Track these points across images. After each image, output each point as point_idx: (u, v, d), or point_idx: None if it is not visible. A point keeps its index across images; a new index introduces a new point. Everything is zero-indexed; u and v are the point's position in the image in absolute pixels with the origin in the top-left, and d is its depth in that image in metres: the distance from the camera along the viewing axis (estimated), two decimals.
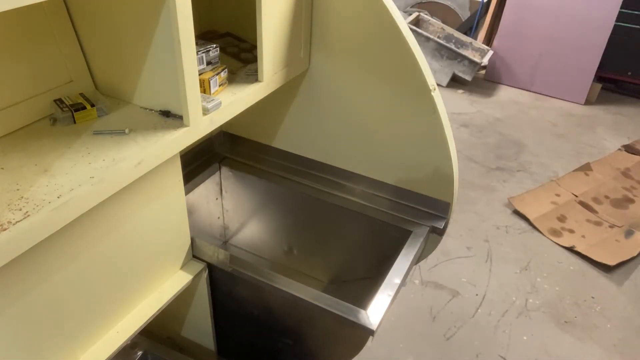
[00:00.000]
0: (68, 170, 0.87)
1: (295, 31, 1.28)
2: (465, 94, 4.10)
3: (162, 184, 1.05)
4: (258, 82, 1.22)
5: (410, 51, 1.24)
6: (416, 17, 4.27)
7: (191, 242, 1.22)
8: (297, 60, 1.35)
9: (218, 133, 1.66)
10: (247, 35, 1.45)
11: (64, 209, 0.80)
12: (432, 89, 1.27)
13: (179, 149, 1.03)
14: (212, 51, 1.15)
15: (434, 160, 1.36)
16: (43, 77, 1.01)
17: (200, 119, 1.04)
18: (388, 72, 1.31)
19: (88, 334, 1.02)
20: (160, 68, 0.98)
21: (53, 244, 0.84)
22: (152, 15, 0.92)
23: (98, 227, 0.93)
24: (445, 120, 1.31)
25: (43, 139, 0.95)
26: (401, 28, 1.22)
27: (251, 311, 1.30)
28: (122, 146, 0.94)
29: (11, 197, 0.80)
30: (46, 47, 0.99)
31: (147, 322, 1.11)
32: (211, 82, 1.12)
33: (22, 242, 0.76)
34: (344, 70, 1.37)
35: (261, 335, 1.35)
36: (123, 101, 1.09)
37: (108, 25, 1.00)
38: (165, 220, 1.11)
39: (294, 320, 1.26)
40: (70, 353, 1.00)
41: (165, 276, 1.18)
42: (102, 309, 1.03)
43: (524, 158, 3.27)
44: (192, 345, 1.48)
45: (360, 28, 1.27)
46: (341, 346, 1.22)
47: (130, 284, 1.08)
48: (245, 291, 1.27)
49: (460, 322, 2.06)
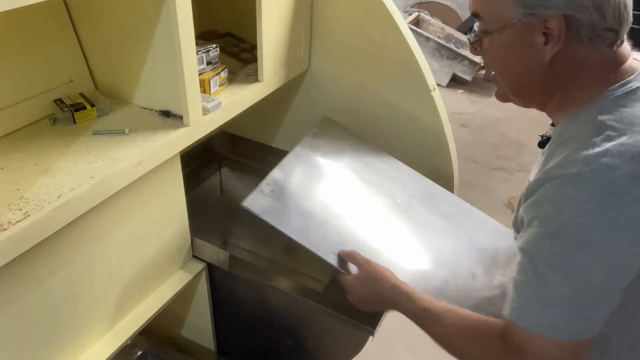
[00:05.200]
0: (68, 170, 0.87)
1: (295, 31, 1.28)
2: (465, 94, 4.10)
3: (162, 184, 1.05)
4: (258, 82, 1.22)
5: (410, 51, 1.24)
6: (416, 17, 4.27)
7: (191, 242, 1.22)
8: (297, 60, 1.35)
9: (218, 133, 1.66)
10: (247, 35, 1.45)
11: (64, 209, 0.80)
12: (432, 89, 1.27)
13: (179, 149, 1.03)
14: (212, 51, 1.15)
15: (434, 160, 1.36)
16: (43, 77, 1.01)
17: (200, 119, 1.04)
18: (388, 72, 1.30)
19: (88, 334, 1.02)
20: (160, 68, 0.98)
21: (53, 244, 0.84)
22: (152, 15, 0.92)
23: (98, 227, 0.93)
24: (445, 120, 1.31)
25: (43, 139, 0.95)
26: (401, 28, 1.22)
27: (251, 311, 1.30)
28: (122, 146, 0.94)
29: (11, 197, 0.80)
30: (46, 47, 0.99)
31: (147, 322, 1.11)
32: (211, 82, 1.12)
33: (22, 242, 0.75)
34: (344, 70, 1.37)
35: (261, 335, 1.35)
36: (123, 101, 1.09)
37: (108, 25, 1.00)
38: (165, 220, 1.11)
39: (294, 320, 1.25)
40: (70, 353, 1.00)
41: (165, 276, 1.18)
42: (102, 308, 1.03)
43: (524, 158, 3.27)
44: (192, 345, 1.48)
45: (360, 28, 1.27)
46: (341, 346, 1.22)
47: (130, 283, 1.08)
48: (245, 291, 1.27)
49: None
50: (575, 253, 0.64)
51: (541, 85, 0.74)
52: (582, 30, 0.67)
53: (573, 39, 0.68)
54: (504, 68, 0.78)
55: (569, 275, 0.64)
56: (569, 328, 0.66)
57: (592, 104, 0.69)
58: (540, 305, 0.67)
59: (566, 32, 0.67)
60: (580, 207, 0.62)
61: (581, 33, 0.67)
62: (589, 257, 0.63)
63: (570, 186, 0.63)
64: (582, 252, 0.63)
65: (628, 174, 0.61)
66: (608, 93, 0.68)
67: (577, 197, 0.62)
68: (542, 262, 0.66)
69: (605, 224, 0.62)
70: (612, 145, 0.63)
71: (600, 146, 0.63)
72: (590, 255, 0.63)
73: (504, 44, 0.73)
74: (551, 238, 0.65)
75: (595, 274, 0.63)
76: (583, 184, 0.62)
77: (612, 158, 0.62)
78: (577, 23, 0.67)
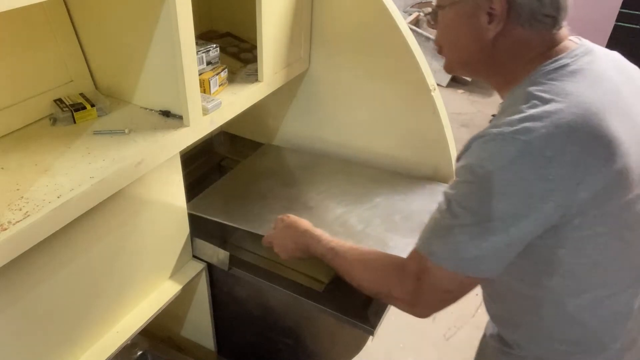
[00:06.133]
0: (68, 170, 0.87)
1: (295, 31, 1.28)
2: (465, 94, 4.10)
3: (162, 184, 1.05)
4: (258, 82, 1.22)
5: (411, 51, 1.24)
6: (416, 17, 4.27)
7: (191, 242, 1.22)
8: (297, 60, 1.35)
9: (218, 133, 1.66)
10: (247, 35, 1.45)
11: (64, 209, 0.80)
12: (432, 89, 1.27)
13: (179, 149, 1.03)
14: (212, 51, 1.15)
15: (434, 160, 1.36)
16: (43, 77, 1.01)
17: (200, 119, 1.04)
18: (388, 72, 1.31)
19: (88, 334, 1.02)
20: (160, 68, 0.98)
21: (53, 244, 0.84)
22: (152, 15, 0.92)
23: (98, 227, 0.93)
24: (445, 120, 1.31)
25: (43, 139, 0.95)
26: (401, 28, 1.22)
27: (251, 311, 1.30)
28: (122, 146, 0.94)
29: (11, 197, 0.80)
30: (46, 47, 0.99)
31: (147, 322, 1.11)
32: (211, 82, 1.12)
33: (22, 242, 0.75)
34: (344, 70, 1.37)
35: (261, 335, 1.35)
36: (123, 101, 1.09)
37: (108, 25, 1.00)
38: (165, 220, 1.11)
39: (294, 320, 1.26)
40: (70, 353, 1.00)
41: (165, 276, 1.18)
42: (102, 309, 1.03)
43: None
44: (192, 345, 1.48)
45: (360, 28, 1.27)
46: (341, 346, 1.22)
47: (130, 283, 1.08)
48: (245, 291, 1.27)
49: (460, 322, 2.05)
50: (485, 200, 0.70)
51: (484, 61, 0.81)
52: (522, 13, 0.74)
53: (514, 21, 0.76)
54: (452, 42, 0.85)
55: (478, 218, 0.71)
56: (464, 264, 0.74)
57: (527, 79, 0.76)
58: (444, 239, 0.75)
59: (508, 14, 0.75)
60: (497, 161, 0.69)
61: (521, 16, 0.75)
62: (497, 206, 0.70)
63: (493, 144, 0.70)
64: (491, 201, 0.70)
65: (543, 137, 0.67)
66: (540, 68, 0.76)
67: (496, 153, 0.69)
68: (456, 203, 0.74)
69: (516, 179, 0.68)
70: (535, 111, 0.69)
71: (525, 112, 0.70)
72: (498, 205, 0.69)
73: (453, 18, 0.82)
74: (469, 185, 0.72)
75: (499, 222, 0.70)
76: (502, 141, 0.69)
77: (532, 122, 0.68)
78: (517, 7, 0.74)
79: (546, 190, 0.68)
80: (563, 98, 0.70)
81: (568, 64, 0.74)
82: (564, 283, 0.77)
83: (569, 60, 0.75)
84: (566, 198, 0.68)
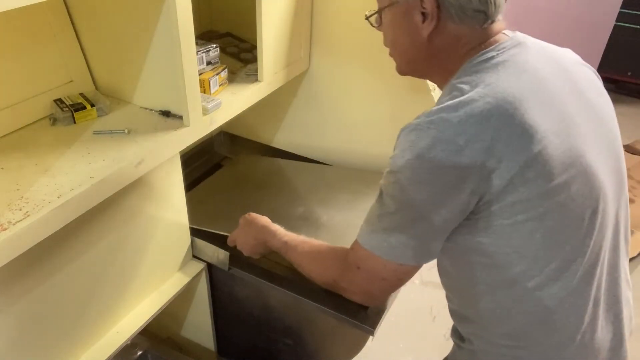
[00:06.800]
0: (68, 170, 0.87)
1: (295, 31, 1.28)
2: None
3: (162, 184, 1.05)
4: (258, 82, 1.22)
5: None
6: None
7: (191, 242, 1.22)
8: (297, 60, 1.35)
9: (218, 133, 1.67)
10: (247, 35, 1.45)
11: (64, 209, 0.80)
12: (432, 89, 1.27)
13: (179, 149, 1.03)
14: (212, 51, 1.15)
15: None
16: (43, 77, 1.01)
17: (200, 119, 1.04)
18: (388, 72, 1.30)
19: (88, 334, 1.02)
20: (160, 68, 0.98)
21: (53, 244, 0.84)
22: (152, 15, 0.92)
23: (98, 227, 0.93)
24: None
25: (43, 139, 0.95)
26: None
27: (251, 311, 1.30)
28: (122, 146, 0.94)
29: (11, 197, 0.80)
30: (46, 47, 0.99)
31: (147, 322, 1.11)
32: (211, 82, 1.12)
33: (22, 242, 0.75)
34: (344, 70, 1.37)
35: (261, 335, 1.35)
36: (123, 101, 1.09)
37: (108, 25, 1.00)
38: (165, 220, 1.11)
39: (294, 320, 1.26)
40: (71, 353, 1.00)
41: (165, 276, 1.18)
42: (102, 309, 1.04)
43: None
44: (192, 345, 1.48)
45: (360, 28, 1.27)
46: (341, 346, 1.22)
47: (130, 283, 1.08)
48: (245, 291, 1.27)
49: None
50: (406, 189, 0.74)
51: (424, 59, 0.84)
52: (452, 10, 0.77)
53: (446, 18, 0.78)
54: (394, 43, 0.88)
55: (401, 207, 0.75)
56: (393, 251, 0.77)
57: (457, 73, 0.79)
58: (378, 229, 0.78)
59: (439, 12, 0.77)
60: (415, 151, 0.72)
61: (452, 13, 0.77)
62: (416, 194, 0.73)
63: (413, 134, 0.73)
64: (411, 189, 0.73)
65: (456, 125, 0.70)
66: (468, 62, 0.78)
67: (414, 143, 0.72)
68: (386, 194, 0.77)
69: (432, 168, 0.71)
70: (452, 102, 0.72)
71: (443, 103, 0.73)
72: (417, 194, 0.73)
73: (391, 20, 0.85)
74: (394, 174, 0.75)
75: (422, 209, 0.73)
76: (419, 131, 0.72)
77: (447, 112, 0.71)
78: (447, 4, 0.77)
79: (460, 178, 0.70)
80: (482, 89, 0.72)
81: (493, 57, 0.76)
82: (493, 274, 0.78)
83: (494, 53, 0.77)
84: (480, 185, 0.70)
